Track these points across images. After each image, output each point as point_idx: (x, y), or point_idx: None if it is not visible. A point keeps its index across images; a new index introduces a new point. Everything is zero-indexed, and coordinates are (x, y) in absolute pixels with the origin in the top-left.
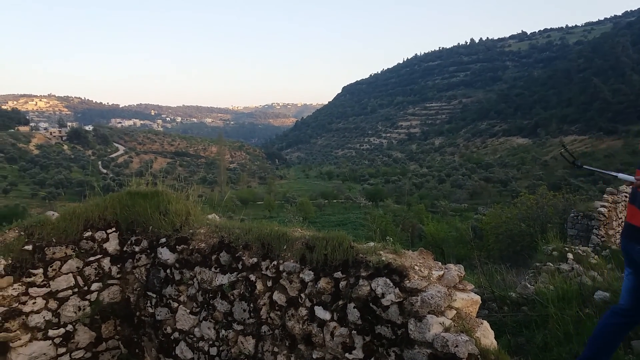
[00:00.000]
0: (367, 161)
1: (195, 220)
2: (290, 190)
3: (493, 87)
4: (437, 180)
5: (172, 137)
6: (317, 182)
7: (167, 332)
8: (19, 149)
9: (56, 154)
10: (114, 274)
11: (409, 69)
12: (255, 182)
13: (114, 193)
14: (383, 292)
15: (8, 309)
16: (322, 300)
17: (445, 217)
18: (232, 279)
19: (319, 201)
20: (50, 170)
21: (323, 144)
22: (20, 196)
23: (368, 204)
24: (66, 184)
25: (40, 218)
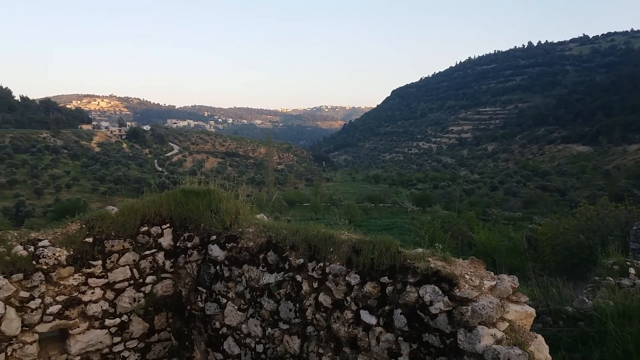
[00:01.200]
0: (415, 166)
1: (245, 219)
2: (337, 193)
3: (552, 92)
4: (489, 187)
5: (223, 137)
6: (363, 186)
7: (216, 326)
8: (81, 146)
9: (116, 152)
10: (168, 268)
11: (461, 72)
12: (302, 184)
13: (169, 190)
14: (431, 300)
15: (68, 298)
16: (368, 304)
17: (497, 225)
18: (278, 278)
19: (365, 205)
20: (109, 167)
21: (370, 147)
22: (81, 191)
23: (415, 209)
24: (124, 180)
25: (100, 212)
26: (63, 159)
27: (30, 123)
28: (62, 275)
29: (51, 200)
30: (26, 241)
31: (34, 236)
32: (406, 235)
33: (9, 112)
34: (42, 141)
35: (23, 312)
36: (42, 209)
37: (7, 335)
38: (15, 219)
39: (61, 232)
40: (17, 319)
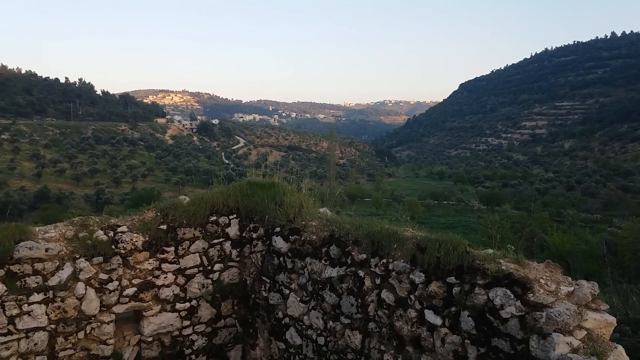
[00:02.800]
0: (483, 163)
1: (308, 212)
2: (399, 189)
3: (636, 86)
4: (565, 186)
5: (286, 131)
6: (426, 182)
7: (279, 316)
8: (156, 138)
9: (187, 144)
10: (234, 257)
11: (537, 65)
12: (363, 179)
13: (236, 182)
14: (502, 304)
15: (143, 281)
16: (432, 304)
17: (573, 227)
18: (341, 272)
19: (428, 202)
20: (181, 158)
21: (435, 143)
22: (156, 181)
23: (482, 208)
24: (194, 171)
25: (174, 201)
26: (139, 150)
27: (110, 116)
28: (138, 260)
29: (128, 188)
30: (106, 226)
31: (114, 222)
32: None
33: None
34: (120, 133)
35: (102, 293)
36: (120, 196)
37: (87, 315)
38: (95, 205)
39: (138, 219)
40: (96, 299)
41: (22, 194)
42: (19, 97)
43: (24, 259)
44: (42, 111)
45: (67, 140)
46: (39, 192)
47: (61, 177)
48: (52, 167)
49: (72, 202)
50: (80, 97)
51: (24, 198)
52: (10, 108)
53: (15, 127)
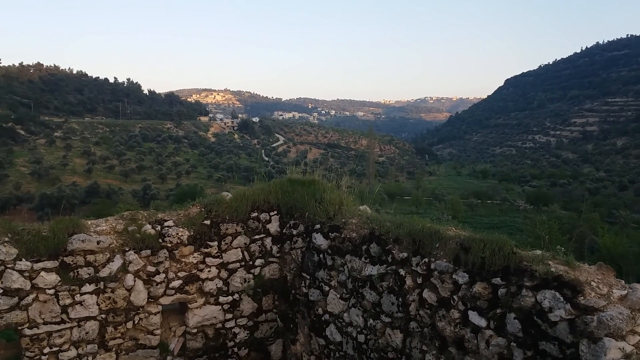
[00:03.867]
0: (529, 161)
1: (348, 210)
2: (440, 187)
3: None
4: (618, 186)
5: (325, 129)
6: (469, 181)
7: (319, 312)
8: (199, 136)
9: (228, 142)
10: (274, 252)
11: (587, 59)
12: (403, 177)
13: (277, 180)
14: (551, 306)
15: (188, 274)
16: (477, 305)
17: (626, 229)
18: (381, 270)
19: (470, 201)
20: (223, 155)
21: (479, 140)
22: (198, 177)
23: (528, 208)
24: (235, 168)
25: (217, 197)
26: (183, 147)
27: (156, 115)
28: (183, 254)
29: (173, 185)
30: (154, 221)
31: (161, 217)
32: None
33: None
34: (166, 131)
35: (149, 285)
36: (165, 192)
37: (135, 305)
38: (142, 200)
39: (183, 214)
40: (144, 291)
41: (73, 189)
42: (71, 96)
43: (77, 251)
44: (92, 110)
45: (116, 138)
46: (90, 187)
47: (110, 173)
48: (102, 163)
49: (120, 197)
50: (128, 96)
51: (75, 193)
52: (62, 107)
53: (67, 125)
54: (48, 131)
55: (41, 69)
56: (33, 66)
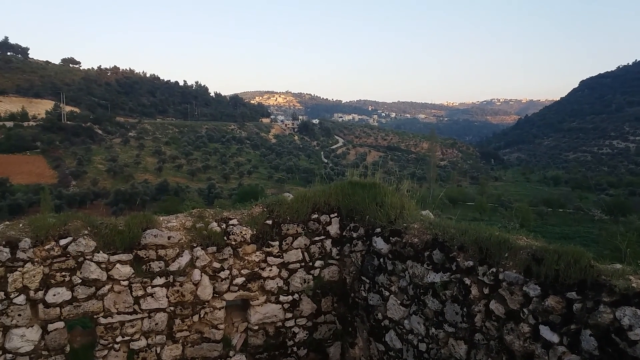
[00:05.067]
0: (606, 168)
1: (409, 214)
2: (506, 194)
3: None
4: None
5: (385, 132)
6: (539, 187)
7: (378, 318)
8: (261, 137)
9: (288, 143)
10: (334, 255)
11: None
12: (466, 182)
13: (337, 182)
14: (631, 324)
15: (251, 272)
16: (549, 320)
17: None
18: (444, 278)
19: (540, 209)
20: (283, 157)
21: (550, 145)
22: (259, 177)
23: (604, 218)
24: (295, 169)
25: (279, 198)
26: (246, 148)
27: (221, 116)
28: (246, 252)
29: (235, 184)
30: (220, 219)
31: (226, 215)
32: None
33: (206, 106)
34: (230, 132)
35: (214, 280)
36: (228, 191)
37: (202, 300)
38: (207, 198)
39: (247, 213)
40: (209, 286)
41: (145, 186)
42: (144, 98)
43: (149, 245)
44: (163, 111)
45: (184, 138)
46: (160, 185)
47: (179, 172)
48: (171, 162)
49: (187, 195)
50: (196, 98)
51: (147, 190)
52: (136, 108)
53: (140, 125)
54: (123, 131)
55: (117, 72)
56: (110, 69)
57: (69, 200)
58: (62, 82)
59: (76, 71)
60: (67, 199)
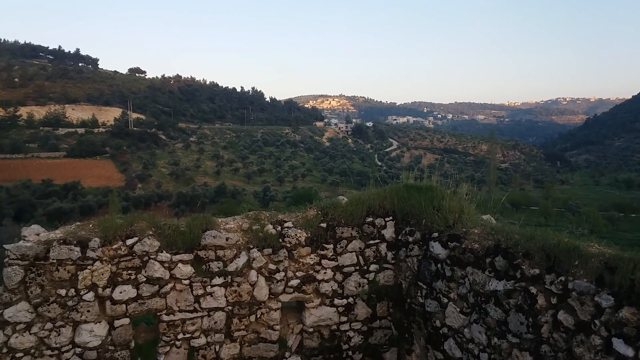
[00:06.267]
0: None
1: (469, 219)
2: (573, 198)
3: None
4: None
5: (441, 134)
6: (610, 191)
7: (436, 325)
8: (315, 141)
9: (342, 146)
10: (389, 259)
11: None
12: (529, 185)
13: (393, 185)
14: None
15: (305, 274)
16: (623, 332)
17: None
18: (508, 286)
19: (611, 214)
20: (336, 160)
21: (621, 146)
22: (313, 180)
23: None
24: (348, 172)
25: (333, 201)
26: (300, 152)
27: (276, 120)
28: (301, 254)
29: (289, 187)
30: (275, 221)
31: (281, 217)
32: None
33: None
34: (284, 136)
35: (270, 281)
36: (283, 194)
37: (258, 300)
38: (262, 201)
39: (301, 216)
40: (265, 287)
41: (205, 188)
42: (204, 105)
43: (209, 245)
44: (222, 117)
45: (241, 143)
46: (218, 187)
47: (235, 175)
48: (228, 166)
49: (243, 198)
50: (252, 104)
51: (206, 192)
52: (197, 114)
53: (200, 131)
54: (184, 136)
55: (180, 81)
56: (173, 78)
57: (135, 202)
58: (129, 91)
59: (142, 80)
60: (134, 201)
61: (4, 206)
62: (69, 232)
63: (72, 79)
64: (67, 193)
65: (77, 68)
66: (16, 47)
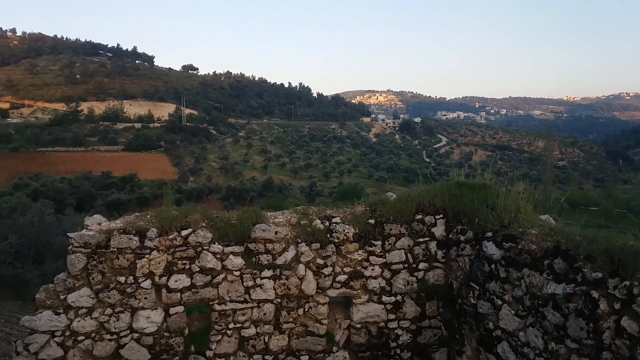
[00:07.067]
0: None
1: (525, 219)
2: (636, 198)
3: None
4: None
5: (494, 129)
6: None
7: (489, 327)
8: (361, 136)
9: (389, 142)
10: (439, 257)
11: None
12: (588, 184)
13: (443, 182)
14: None
15: (353, 270)
16: None
17: None
18: (567, 290)
19: None
20: (383, 156)
21: None
22: (359, 176)
23: None
24: (395, 169)
25: (381, 197)
26: (346, 147)
27: (323, 116)
28: (349, 250)
29: (335, 182)
30: (323, 217)
31: (329, 213)
32: None
33: (308, 106)
34: (331, 132)
35: (318, 276)
36: (329, 189)
37: (306, 294)
38: (308, 196)
39: (349, 211)
40: (313, 281)
41: (253, 183)
42: (253, 100)
43: (258, 239)
44: (269, 112)
45: (288, 138)
46: (265, 182)
47: (282, 169)
48: (275, 160)
49: (290, 192)
50: (300, 99)
51: (254, 186)
52: (246, 110)
53: (249, 126)
54: (234, 131)
55: (230, 77)
56: (224, 74)
57: (187, 194)
58: (182, 87)
59: (194, 77)
60: (186, 194)
61: (67, 196)
62: (128, 222)
63: (129, 76)
64: (125, 185)
65: (134, 65)
66: (78, 44)
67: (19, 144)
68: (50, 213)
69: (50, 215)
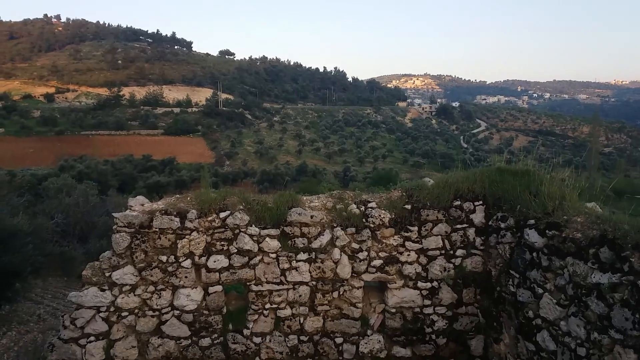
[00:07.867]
0: None
1: (571, 206)
2: None
3: None
4: None
5: (536, 114)
6: None
7: (529, 316)
8: (397, 121)
9: (425, 127)
10: (478, 244)
11: None
12: (636, 172)
13: (483, 168)
14: None
15: (388, 255)
16: None
17: None
18: (613, 280)
19: None
20: (419, 141)
21: None
22: (394, 162)
23: None
24: (431, 154)
25: (418, 183)
26: (381, 132)
27: (358, 101)
28: (384, 235)
29: (370, 168)
30: (359, 201)
31: (365, 198)
32: None
33: (343, 91)
34: (366, 116)
35: (353, 260)
36: (363, 175)
37: (341, 278)
38: (342, 181)
39: (385, 197)
40: (348, 265)
41: (287, 167)
42: (288, 85)
43: (294, 222)
44: (304, 97)
45: (322, 123)
46: (300, 166)
47: (317, 154)
48: (310, 145)
49: (324, 177)
50: (335, 84)
51: (288, 171)
52: (281, 94)
53: (284, 111)
54: (269, 116)
55: (265, 62)
56: (259, 59)
57: (224, 178)
58: (219, 72)
59: (231, 62)
60: (222, 177)
61: (110, 178)
62: (169, 204)
63: (168, 61)
64: (164, 168)
65: (173, 51)
66: (119, 30)
67: (64, 127)
68: (94, 194)
69: (94, 196)
